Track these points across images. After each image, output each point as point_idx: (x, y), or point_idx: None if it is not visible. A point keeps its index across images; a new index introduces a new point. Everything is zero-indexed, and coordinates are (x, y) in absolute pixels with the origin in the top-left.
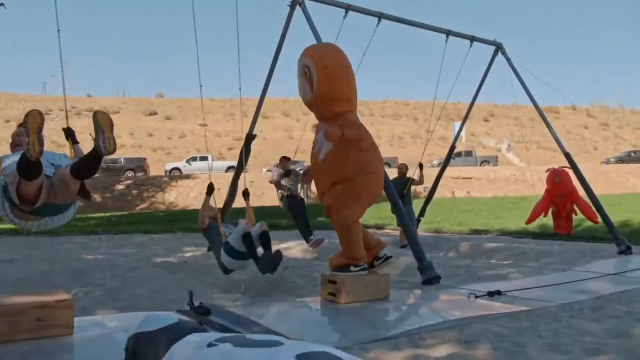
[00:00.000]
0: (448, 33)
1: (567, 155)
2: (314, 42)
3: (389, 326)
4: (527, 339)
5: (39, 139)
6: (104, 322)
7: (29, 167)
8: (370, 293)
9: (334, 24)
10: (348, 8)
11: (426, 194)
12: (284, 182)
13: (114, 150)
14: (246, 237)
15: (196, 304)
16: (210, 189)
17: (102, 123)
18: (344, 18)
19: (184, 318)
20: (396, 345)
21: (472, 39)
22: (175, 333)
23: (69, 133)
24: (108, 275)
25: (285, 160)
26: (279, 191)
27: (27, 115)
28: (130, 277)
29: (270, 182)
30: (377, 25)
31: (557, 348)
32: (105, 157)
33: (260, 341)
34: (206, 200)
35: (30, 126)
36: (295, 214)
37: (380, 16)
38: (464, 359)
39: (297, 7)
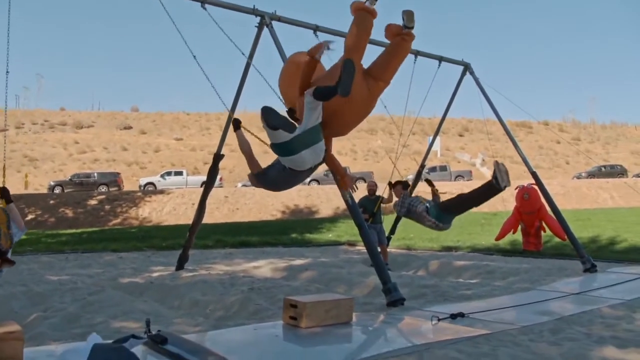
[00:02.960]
0: (416, 54)
1: (534, 175)
2: (281, 61)
3: (346, 353)
4: None
5: None
6: (55, 353)
7: None
8: (333, 317)
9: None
10: (316, 29)
11: None
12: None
13: (10, 246)
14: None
15: (154, 331)
16: (237, 124)
17: None
18: (317, 37)
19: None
20: None
21: (441, 59)
22: None
23: (4, 193)
24: (69, 300)
25: None
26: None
27: None
28: (92, 301)
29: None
30: None
31: None
32: (77, 172)
33: None
34: (239, 136)
35: None
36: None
37: None
38: None
39: (265, 27)
